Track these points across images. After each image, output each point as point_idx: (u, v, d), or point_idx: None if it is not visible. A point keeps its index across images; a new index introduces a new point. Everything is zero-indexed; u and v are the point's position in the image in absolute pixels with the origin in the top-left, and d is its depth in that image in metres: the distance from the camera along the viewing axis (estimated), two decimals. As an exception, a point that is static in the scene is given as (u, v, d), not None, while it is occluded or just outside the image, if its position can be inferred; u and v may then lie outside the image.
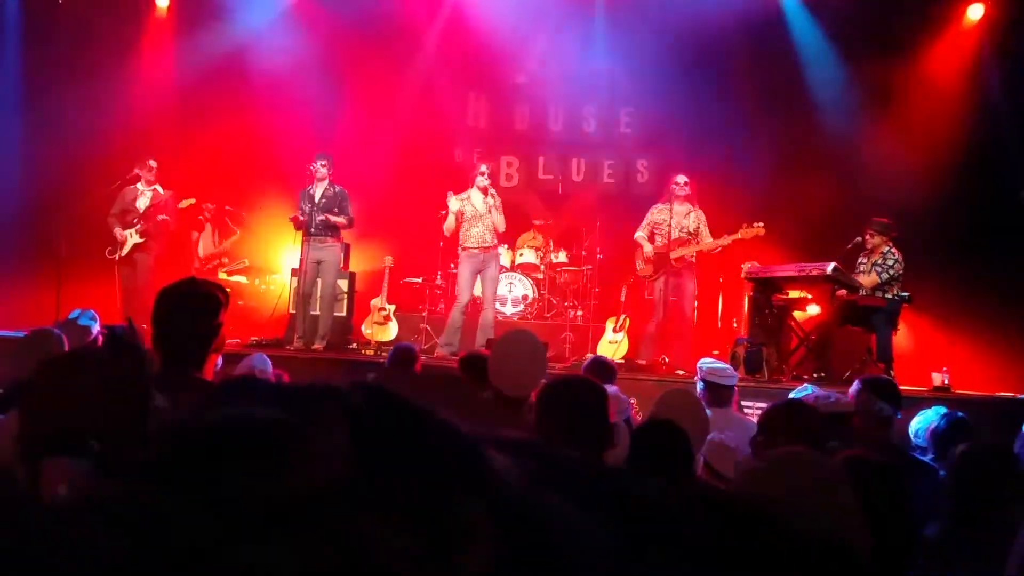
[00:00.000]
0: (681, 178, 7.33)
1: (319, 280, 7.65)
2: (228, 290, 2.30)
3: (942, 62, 8.54)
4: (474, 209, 7.37)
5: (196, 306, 2.20)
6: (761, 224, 6.93)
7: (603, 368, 4.39)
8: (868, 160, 8.38)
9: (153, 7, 9.38)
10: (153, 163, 7.80)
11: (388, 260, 8.52)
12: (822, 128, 8.62)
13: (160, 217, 7.72)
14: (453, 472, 0.49)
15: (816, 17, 8.83)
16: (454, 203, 7.41)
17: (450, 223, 7.48)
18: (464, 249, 7.46)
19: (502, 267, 8.23)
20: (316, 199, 7.50)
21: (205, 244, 8.70)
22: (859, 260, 7.13)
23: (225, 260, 8.78)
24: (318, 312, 7.62)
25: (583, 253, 8.94)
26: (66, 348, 3.28)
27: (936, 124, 8.13)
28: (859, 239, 7.06)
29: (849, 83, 8.67)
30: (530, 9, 9.47)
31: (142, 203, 7.77)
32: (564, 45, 9.78)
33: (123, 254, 7.68)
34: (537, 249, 9.08)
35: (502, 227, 7.43)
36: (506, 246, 8.70)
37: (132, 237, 7.67)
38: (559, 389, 2.28)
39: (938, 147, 8.05)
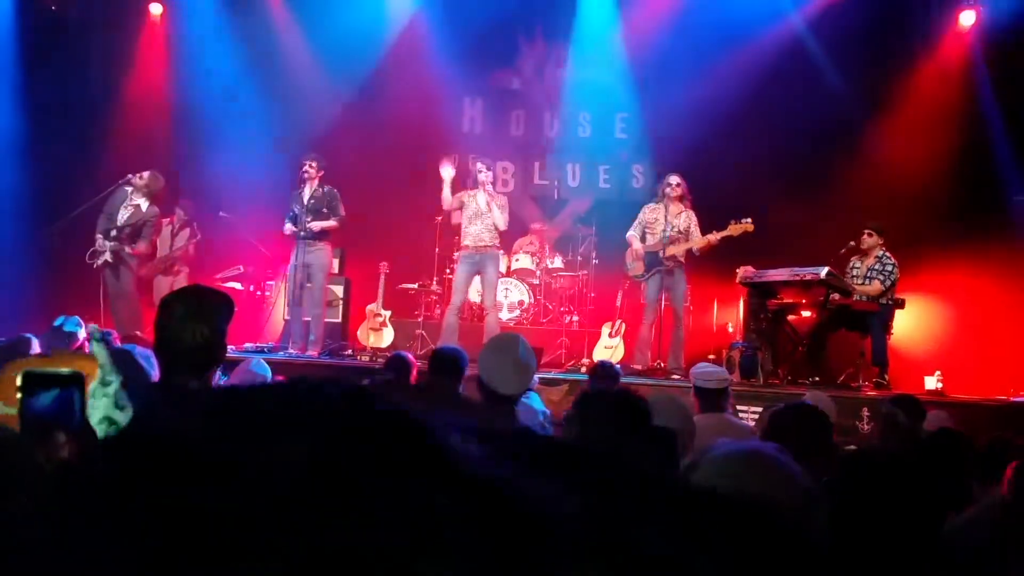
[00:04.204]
0: (673, 179, 7.32)
1: (309, 284, 7.62)
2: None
3: (935, 68, 8.57)
4: (477, 206, 7.31)
5: (206, 314, 2.10)
6: (749, 220, 6.88)
7: (608, 372, 4.46)
8: (863, 165, 8.40)
9: (147, 13, 9.41)
10: (146, 174, 7.43)
11: (384, 266, 8.51)
12: (817, 133, 8.64)
13: (138, 245, 7.43)
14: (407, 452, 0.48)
15: (811, 22, 8.86)
16: (447, 174, 7.30)
17: (446, 194, 7.34)
18: (461, 248, 7.44)
19: (499, 273, 8.21)
20: (305, 201, 7.46)
21: (162, 245, 8.35)
22: (851, 263, 7.14)
23: (180, 267, 8.44)
24: (309, 318, 7.61)
25: (579, 258, 8.96)
26: (36, 351, 3.31)
27: (929, 129, 8.15)
28: (852, 243, 7.08)
29: (843, 88, 8.69)
30: (526, 14, 9.49)
31: (123, 215, 7.42)
32: (559, 50, 9.81)
33: (98, 263, 7.37)
34: (533, 254, 9.08)
35: (502, 225, 7.28)
36: (502, 251, 8.69)
37: (106, 252, 7.35)
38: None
39: (932, 151, 8.07)
